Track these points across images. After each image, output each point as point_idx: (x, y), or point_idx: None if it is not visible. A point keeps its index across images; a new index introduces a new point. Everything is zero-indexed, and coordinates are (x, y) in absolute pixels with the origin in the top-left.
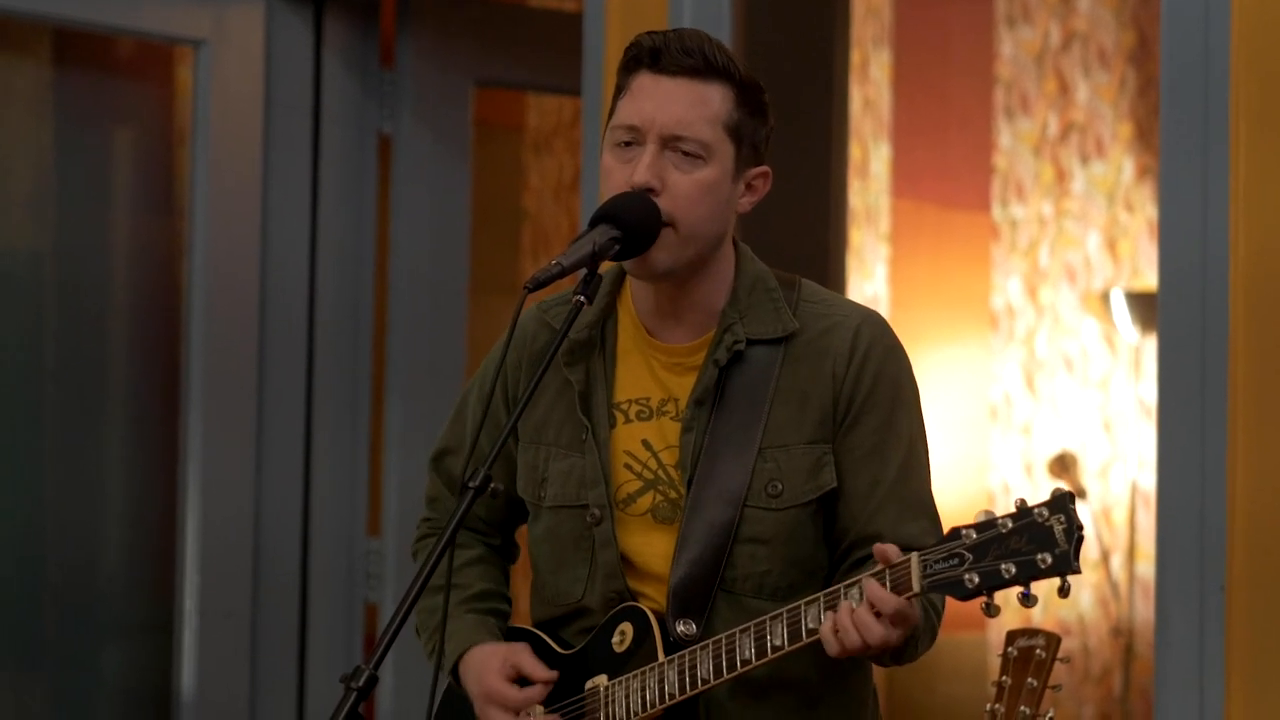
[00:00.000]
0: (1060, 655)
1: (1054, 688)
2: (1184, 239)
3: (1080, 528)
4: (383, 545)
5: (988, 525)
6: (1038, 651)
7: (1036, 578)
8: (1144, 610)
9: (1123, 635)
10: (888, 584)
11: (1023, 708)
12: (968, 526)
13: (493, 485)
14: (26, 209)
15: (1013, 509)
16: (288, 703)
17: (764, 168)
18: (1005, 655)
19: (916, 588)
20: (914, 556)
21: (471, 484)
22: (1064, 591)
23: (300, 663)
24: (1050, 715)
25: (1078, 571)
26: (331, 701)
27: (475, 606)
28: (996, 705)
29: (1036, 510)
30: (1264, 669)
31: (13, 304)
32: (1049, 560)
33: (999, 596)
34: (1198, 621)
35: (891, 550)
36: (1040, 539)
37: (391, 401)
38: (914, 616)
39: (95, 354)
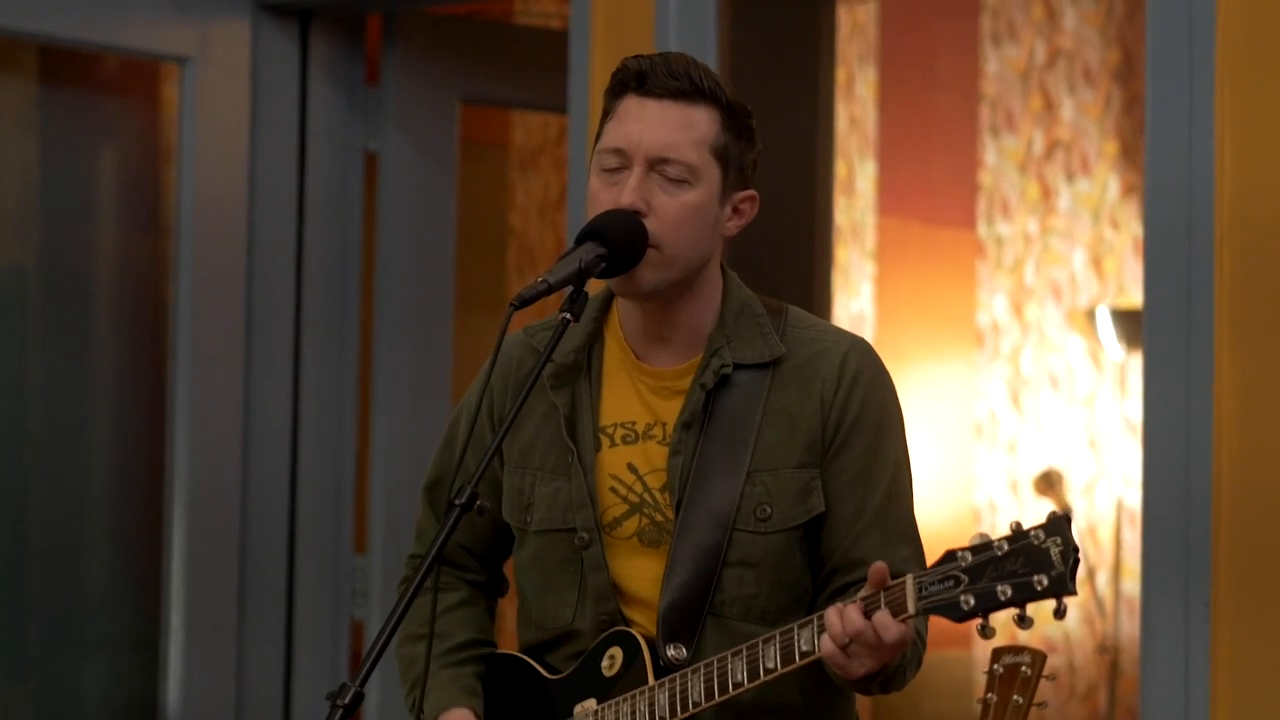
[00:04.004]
0: (1045, 672)
1: (1039, 705)
2: (1169, 256)
3: (1076, 550)
4: (368, 562)
5: (983, 547)
6: (1023, 669)
7: (1032, 600)
8: (1129, 627)
9: (1108, 652)
10: (883, 606)
11: None
12: (963, 549)
13: (479, 503)
14: (12, 226)
15: (1008, 531)
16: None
17: (751, 192)
18: (991, 672)
19: (912, 609)
20: (909, 578)
21: (458, 502)
22: (1060, 613)
23: (286, 679)
24: None
25: (1074, 594)
26: (317, 718)
27: (454, 659)
28: None
29: (1033, 533)
30: (1249, 686)
31: None
32: (1045, 582)
33: (994, 618)
34: (1183, 638)
35: (886, 571)
36: (1036, 561)
37: (377, 418)
38: (907, 636)
39: (80, 371)
